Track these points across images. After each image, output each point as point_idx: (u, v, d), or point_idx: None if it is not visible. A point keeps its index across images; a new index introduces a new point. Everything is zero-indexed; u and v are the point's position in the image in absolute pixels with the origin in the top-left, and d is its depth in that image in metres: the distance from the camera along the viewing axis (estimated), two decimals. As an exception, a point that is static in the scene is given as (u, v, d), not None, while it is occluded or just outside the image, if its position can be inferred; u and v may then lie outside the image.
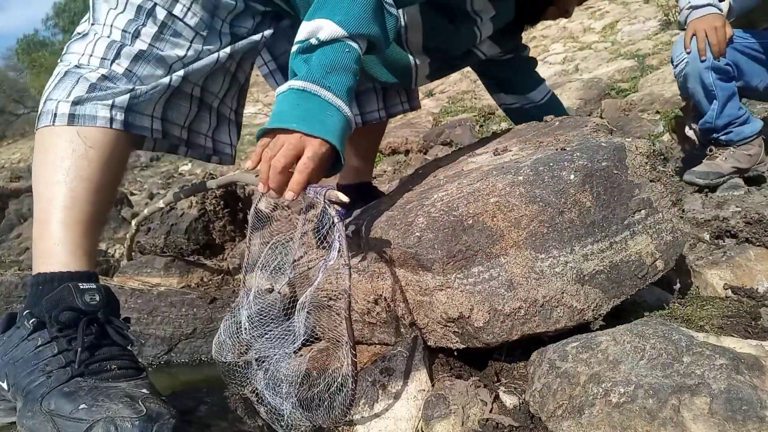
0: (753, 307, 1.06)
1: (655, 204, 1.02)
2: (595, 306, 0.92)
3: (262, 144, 0.91)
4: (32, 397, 0.80)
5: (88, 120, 1.00)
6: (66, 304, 0.85)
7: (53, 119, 0.99)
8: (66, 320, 0.85)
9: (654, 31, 4.13)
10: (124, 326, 0.91)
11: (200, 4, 1.13)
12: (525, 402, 0.86)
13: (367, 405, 0.89)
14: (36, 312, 0.87)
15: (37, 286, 0.90)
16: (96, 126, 1.00)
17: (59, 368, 0.82)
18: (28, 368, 0.83)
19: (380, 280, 1.05)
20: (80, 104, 1.00)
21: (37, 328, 0.86)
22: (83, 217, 0.95)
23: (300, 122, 0.87)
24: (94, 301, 0.88)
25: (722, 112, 1.89)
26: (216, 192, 2.17)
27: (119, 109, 1.03)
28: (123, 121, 1.03)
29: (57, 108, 0.99)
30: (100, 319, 0.88)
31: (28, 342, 0.86)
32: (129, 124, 1.04)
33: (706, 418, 0.66)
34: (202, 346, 1.36)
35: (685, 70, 1.91)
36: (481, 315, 0.90)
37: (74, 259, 0.92)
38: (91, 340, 0.85)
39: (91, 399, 0.76)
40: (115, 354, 0.86)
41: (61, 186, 0.95)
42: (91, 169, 0.97)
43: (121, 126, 1.02)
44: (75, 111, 1.00)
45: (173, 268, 1.81)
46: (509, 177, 0.96)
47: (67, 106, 0.99)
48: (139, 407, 0.75)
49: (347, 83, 0.92)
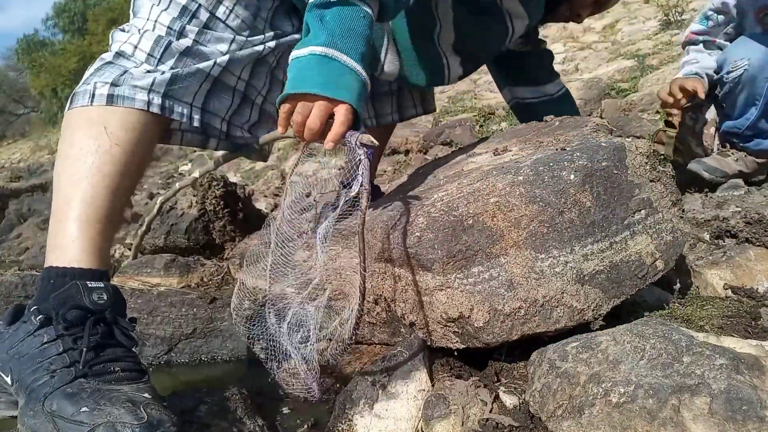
0: (753, 307, 1.06)
1: (655, 204, 1.02)
2: (595, 306, 0.92)
3: (286, 110, 0.95)
4: (35, 396, 0.80)
5: (127, 101, 1.00)
6: (74, 302, 0.85)
7: (91, 99, 1.00)
8: (73, 319, 0.84)
9: (654, 31, 4.13)
10: (129, 327, 0.90)
11: (243, 5, 1.14)
12: (525, 402, 0.86)
13: (367, 405, 0.89)
14: (43, 308, 0.87)
15: (48, 281, 0.90)
16: (134, 108, 1.00)
17: (63, 368, 0.81)
18: (32, 365, 0.83)
19: (380, 280, 1.05)
20: (119, 86, 1.01)
21: (43, 324, 0.86)
22: (101, 214, 0.95)
23: (325, 88, 0.92)
24: (102, 300, 0.87)
25: (756, 124, 1.87)
26: (216, 192, 2.17)
27: (157, 93, 1.03)
28: (161, 105, 1.03)
29: (95, 88, 1.00)
30: (108, 319, 0.87)
31: (34, 338, 0.85)
32: (166, 108, 1.05)
33: (706, 418, 0.66)
34: (202, 346, 1.36)
35: (743, 76, 1.83)
36: (481, 315, 0.90)
37: (87, 257, 0.92)
38: (97, 340, 0.84)
39: (93, 402, 0.76)
40: (120, 355, 0.86)
41: (83, 183, 0.95)
42: (114, 167, 0.97)
43: (158, 109, 1.03)
44: (114, 92, 1.00)
45: (173, 268, 1.81)
46: (509, 177, 0.96)
47: (106, 88, 1.00)
48: (141, 414, 0.75)
49: (362, 48, 0.96)
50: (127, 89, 1.02)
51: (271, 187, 3.38)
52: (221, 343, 1.36)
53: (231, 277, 1.85)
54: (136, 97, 1.01)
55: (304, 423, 0.97)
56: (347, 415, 0.89)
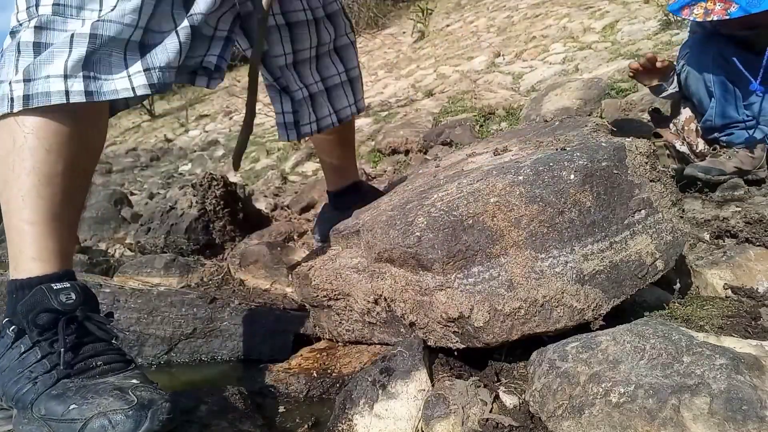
0: (753, 307, 1.06)
1: (655, 204, 1.02)
2: (595, 306, 0.92)
3: None
4: (23, 405, 0.80)
5: (41, 98, 0.86)
6: (42, 307, 0.83)
7: (10, 105, 0.86)
8: (44, 323, 0.83)
9: (654, 31, 4.12)
10: (105, 321, 0.89)
11: None
12: (525, 402, 0.86)
13: (367, 405, 0.89)
14: (16, 320, 0.86)
15: (11, 294, 0.88)
16: (51, 103, 0.86)
17: (44, 373, 0.81)
18: (14, 377, 0.82)
19: (380, 280, 1.05)
20: (31, 80, 0.85)
21: (18, 335, 0.85)
22: (38, 216, 0.86)
23: None
24: (70, 300, 0.84)
25: (722, 111, 1.89)
26: (216, 192, 2.17)
27: (75, 78, 0.87)
28: (83, 91, 0.87)
29: (11, 90, 0.86)
30: (79, 317, 0.85)
31: (12, 350, 0.84)
32: (92, 93, 0.88)
33: (706, 418, 0.66)
34: (202, 346, 1.36)
35: (688, 65, 1.92)
36: (481, 315, 0.90)
37: (40, 264, 0.87)
38: (73, 339, 0.83)
39: (81, 398, 0.76)
40: (100, 350, 0.85)
41: (9, 186, 0.86)
42: (34, 160, 0.86)
43: (81, 97, 0.87)
44: (29, 90, 0.85)
45: (173, 268, 1.81)
46: (509, 177, 0.96)
47: (20, 87, 0.85)
48: (130, 397, 0.74)
49: None
50: (40, 82, 0.86)
51: (271, 187, 3.38)
52: (221, 343, 1.36)
53: (231, 277, 1.85)
54: (50, 89, 0.86)
55: (304, 423, 0.97)
56: (347, 415, 0.89)
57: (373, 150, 3.41)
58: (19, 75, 0.86)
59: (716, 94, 1.88)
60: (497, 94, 3.74)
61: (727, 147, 1.97)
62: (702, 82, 1.90)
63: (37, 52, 0.88)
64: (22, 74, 0.86)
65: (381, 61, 6.55)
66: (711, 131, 1.98)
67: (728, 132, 1.94)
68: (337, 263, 1.15)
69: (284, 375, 1.11)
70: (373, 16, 8.52)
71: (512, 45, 4.94)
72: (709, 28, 1.92)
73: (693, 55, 1.91)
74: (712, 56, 1.85)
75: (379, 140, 3.40)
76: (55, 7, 0.90)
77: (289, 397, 1.07)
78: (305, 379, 1.08)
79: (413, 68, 5.52)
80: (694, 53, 1.90)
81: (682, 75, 1.99)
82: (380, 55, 6.90)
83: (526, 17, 5.72)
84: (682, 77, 2.00)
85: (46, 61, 0.87)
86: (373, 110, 4.31)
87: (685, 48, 1.98)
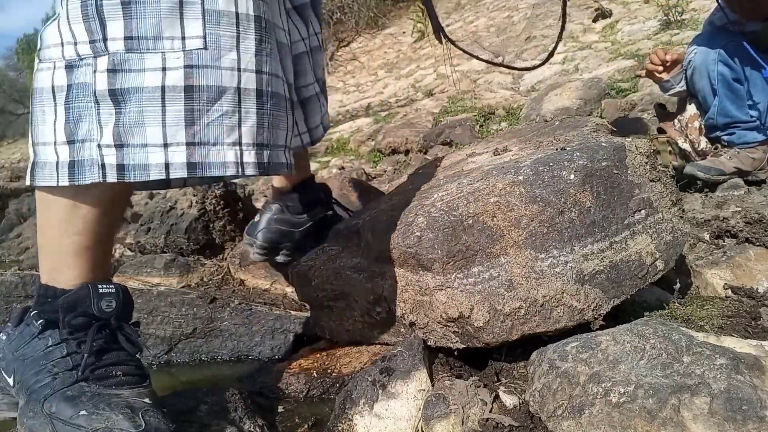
0: (753, 307, 1.06)
1: (655, 204, 1.02)
2: (595, 306, 0.92)
3: None
4: (35, 397, 0.80)
5: (138, 171, 0.75)
6: (81, 310, 0.85)
7: (101, 173, 0.75)
8: (78, 324, 0.84)
9: (654, 31, 4.13)
10: (134, 332, 0.90)
11: None
12: (525, 402, 0.86)
13: (367, 405, 0.89)
14: (46, 313, 0.86)
15: (41, 289, 0.89)
16: (149, 179, 0.75)
17: (66, 371, 0.82)
18: (36, 367, 0.83)
19: (380, 280, 1.05)
20: (123, 147, 0.74)
21: (45, 327, 0.86)
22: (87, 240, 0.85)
23: None
24: (110, 307, 0.86)
25: (724, 110, 1.90)
26: (216, 192, 2.17)
27: (176, 147, 0.74)
28: (185, 163, 0.75)
29: (102, 156, 0.75)
30: (113, 326, 0.87)
31: (39, 340, 0.85)
32: (195, 165, 0.76)
33: (706, 418, 0.66)
34: (202, 346, 1.36)
35: (694, 62, 1.93)
36: (481, 315, 0.90)
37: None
38: (101, 344, 0.85)
39: (92, 406, 0.76)
40: (122, 359, 0.86)
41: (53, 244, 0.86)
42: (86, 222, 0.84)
43: (183, 171, 0.75)
44: (123, 159, 0.74)
45: (173, 268, 1.81)
46: (509, 177, 0.96)
47: (113, 154, 0.74)
48: (138, 421, 0.75)
49: None
50: (137, 152, 0.74)
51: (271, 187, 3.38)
52: (221, 343, 1.36)
53: (231, 277, 1.85)
54: (150, 161, 0.74)
55: (304, 423, 0.97)
56: (347, 415, 0.89)
57: (373, 150, 3.41)
58: (107, 137, 0.75)
59: (719, 92, 1.88)
60: (497, 94, 3.74)
61: (728, 146, 1.97)
62: (707, 80, 1.92)
63: (116, 102, 0.74)
64: (112, 137, 0.75)
65: (381, 61, 6.55)
66: (713, 129, 1.99)
67: (730, 131, 1.94)
68: (337, 263, 1.15)
69: (284, 375, 1.11)
70: (373, 15, 8.53)
71: (512, 45, 4.94)
72: (718, 25, 1.93)
73: (699, 52, 1.92)
74: (717, 53, 1.86)
75: (379, 140, 3.40)
76: (129, 42, 0.74)
77: (289, 397, 1.07)
78: (305, 379, 1.08)
79: (413, 68, 5.52)
80: (700, 50, 1.92)
81: (689, 72, 2.00)
82: (380, 55, 6.90)
83: (526, 17, 5.72)
84: (688, 74, 2.01)
85: (137, 123, 0.74)
86: (373, 110, 4.31)
87: (693, 45, 2.00)
